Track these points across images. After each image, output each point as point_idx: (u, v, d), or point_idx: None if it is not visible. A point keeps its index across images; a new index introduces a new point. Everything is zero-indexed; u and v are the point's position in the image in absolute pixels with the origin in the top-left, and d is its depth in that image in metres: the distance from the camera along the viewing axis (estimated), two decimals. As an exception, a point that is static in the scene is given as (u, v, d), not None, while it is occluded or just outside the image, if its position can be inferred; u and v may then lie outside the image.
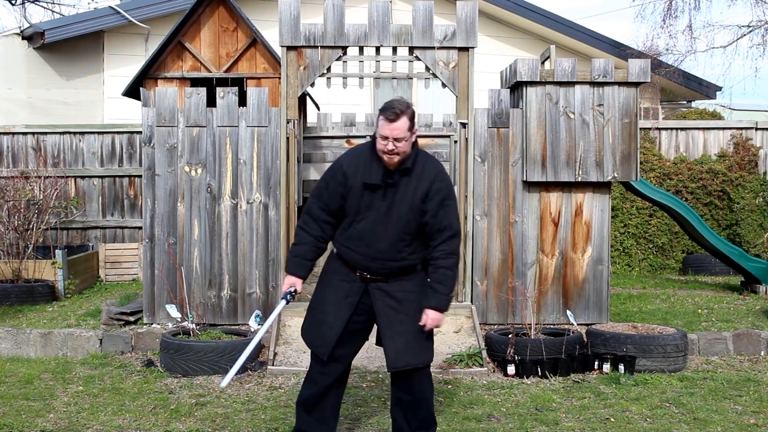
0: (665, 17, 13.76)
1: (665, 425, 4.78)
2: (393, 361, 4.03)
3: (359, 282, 4.06)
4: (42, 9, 17.41)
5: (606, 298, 7.14)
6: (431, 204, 3.96)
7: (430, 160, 4.07)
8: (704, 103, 15.45)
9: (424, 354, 4.08)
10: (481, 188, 7.10)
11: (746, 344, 6.63)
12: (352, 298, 4.06)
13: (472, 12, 6.98)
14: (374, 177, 3.96)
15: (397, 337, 4.02)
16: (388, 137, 3.86)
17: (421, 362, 4.06)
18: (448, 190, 4.02)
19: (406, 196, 3.96)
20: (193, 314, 6.55)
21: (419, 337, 4.04)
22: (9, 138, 10.54)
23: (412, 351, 4.02)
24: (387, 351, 4.04)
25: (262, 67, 8.36)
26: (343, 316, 4.05)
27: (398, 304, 4.04)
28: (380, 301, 4.05)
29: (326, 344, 4.05)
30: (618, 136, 7.03)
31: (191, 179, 7.09)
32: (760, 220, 10.87)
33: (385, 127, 3.87)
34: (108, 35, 12.36)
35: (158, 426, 4.77)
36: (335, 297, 4.08)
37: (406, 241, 4.00)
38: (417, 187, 3.97)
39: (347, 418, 4.89)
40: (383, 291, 4.05)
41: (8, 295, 8.26)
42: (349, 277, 4.08)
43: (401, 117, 3.86)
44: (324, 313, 4.08)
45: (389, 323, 4.04)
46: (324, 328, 4.05)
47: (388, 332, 4.04)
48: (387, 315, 4.04)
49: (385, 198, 3.97)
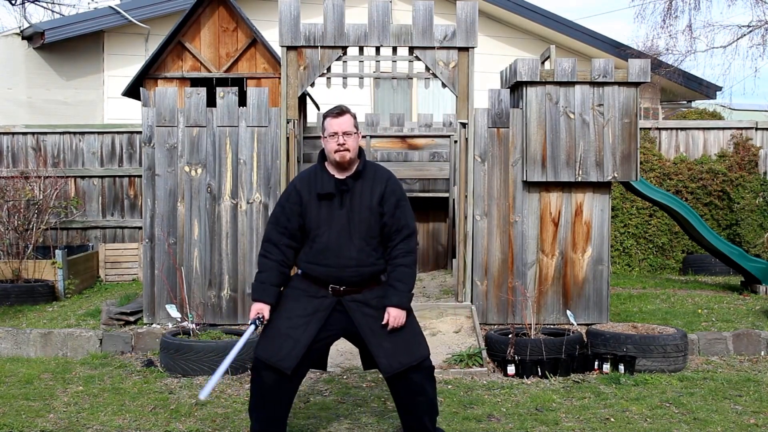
0: (665, 17, 13.77)
1: (665, 425, 4.78)
2: (387, 366, 4.01)
3: (330, 297, 4.03)
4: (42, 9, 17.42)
5: (606, 298, 7.14)
6: (387, 206, 4.04)
7: (379, 167, 4.20)
8: (704, 103, 15.46)
9: (416, 350, 4.05)
10: (481, 188, 7.10)
11: (746, 344, 6.63)
12: (321, 313, 4.03)
13: (472, 12, 6.98)
14: (326, 186, 4.02)
15: (384, 343, 4.01)
16: (337, 132, 3.98)
17: (416, 359, 4.03)
18: (401, 192, 4.13)
19: (363, 199, 4.02)
20: (193, 314, 6.55)
21: (406, 336, 4.04)
22: (9, 138, 10.54)
23: (402, 351, 4.01)
24: (378, 358, 4.02)
25: (262, 67, 8.36)
26: (312, 330, 4.01)
27: (376, 311, 4.03)
28: (358, 313, 4.03)
29: (291, 358, 3.97)
30: (618, 136, 7.03)
31: (191, 179, 7.09)
32: (760, 220, 10.87)
33: (333, 122, 4.01)
34: (108, 35, 12.37)
35: (158, 426, 4.77)
36: (304, 312, 4.03)
37: (372, 245, 4.03)
38: (372, 189, 4.04)
39: (347, 418, 4.89)
40: (359, 302, 4.03)
41: (8, 295, 8.26)
42: (319, 293, 4.04)
43: (345, 113, 4.04)
44: (291, 327, 4.01)
45: (372, 332, 4.02)
46: (289, 343, 3.98)
47: (374, 340, 4.02)
48: (368, 324, 4.02)
49: (342, 206, 4.01)
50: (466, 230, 7.07)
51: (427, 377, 4.10)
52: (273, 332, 4.04)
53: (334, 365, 5.96)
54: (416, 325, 4.14)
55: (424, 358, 4.07)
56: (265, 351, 4.01)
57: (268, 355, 4.00)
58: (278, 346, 3.99)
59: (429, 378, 4.11)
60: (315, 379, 5.78)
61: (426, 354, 4.09)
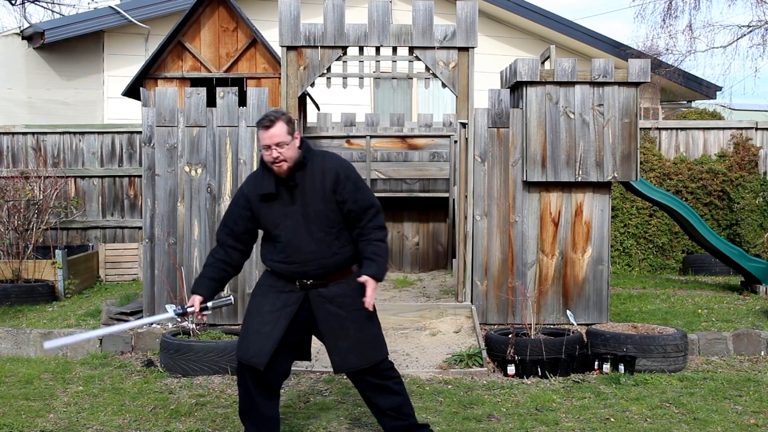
0: (665, 17, 13.77)
1: (665, 425, 4.78)
2: (338, 363, 4.03)
3: (299, 291, 4.03)
4: (42, 9, 17.41)
5: (606, 298, 7.14)
6: (347, 192, 3.96)
7: (328, 154, 4.11)
8: (704, 103, 15.45)
9: (370, 354, 4.03)
10: (481, 188, 7.10)
11: (746, 344, 6.63)
12: (290, 308, 4.02)
13: (472, 12, 6.98)
14: (267, 187, 3.99)
15: (339, 342, 4.01)
16: (270, 145, 3.89)
17: (369, 362, 4.02)
18: (355, 175, 4.05)
19: (315, 191, 3.97)
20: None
21: (364, 339, 4.03)
22: (9, 138, 10.54)
23: (357, 353, 4.00)
24: (331, 356, 4.03)
25: (262, 67, 8.36)
26: (282, 324, 4.00)
27: (339, 309, 4.02)
28: (321, 309, 4.02)
29: (263, 354, 3.97)
30: (618, 136, 7.03)
31: (191, 179, 7.08)
32: (760, 220, 10.87)
33: (264, 135, 3.91)
34: (108, 35, 12.37)
35: (158, 426, 4.77)
36: (273, 307, 4.03)
37: (332, 235, 3.99)
38: (323, 179, 3.97)
39: (347, 418, 4.89)
40: (323, 297, 4.02)
41: (8, 295, 8.26)
42: (287, 287, 4.04)
43: (276, 123, 3.90)
44: (261, 323, 4.02)
45: (331, 329, 4.02)
46: (261, 338, 3.99)
47: (331, 337, 4.02)
48: (328, 321, 4.02)
49: (294, 202, 3.98)
50: (466, 230, 7.07)
51: (385, 378, 4.09)
52: (245, 331, 4.09)
53: (334, 365, 5.95)
54: (377, 328, 4.11)
55: (378, 362, 4.05)
56: (240, 350, 4.08)
57: (241, 354, 4.05)
58: (250, 343, 4.02)
59: (387, 378, 4.10)
60: (315, 379, 5.78)
61: (381, 358, 4.06)
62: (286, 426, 4.74)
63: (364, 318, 4.05)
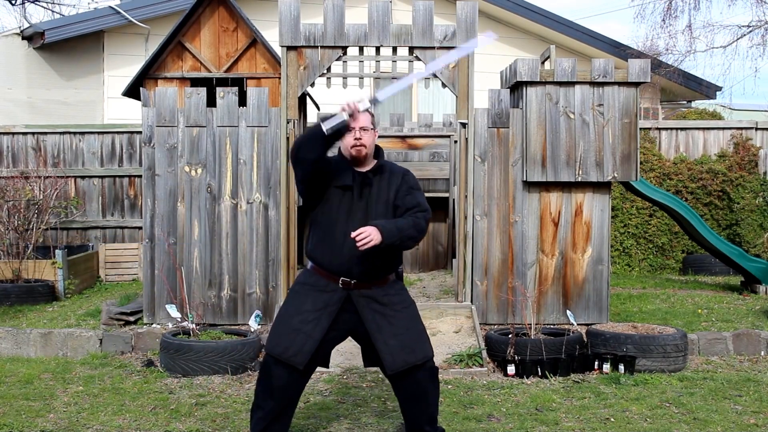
0: (665, 17, 13.76)
1: (665, 425, 4.78)
2: (391, 363, 3.99)
3: (340, 291, 4.01)
4: (42, 9, 17.41)
5: (606, 298, 7.14)
6: (401, 194, 4.10)
7: (395, 165, 4.26)
8: (704, 103, 15.45)
9: (420, 350, 4.04)
10: (481, 188, 7.10)
11: (746, 344, 6.63)
12: (332, 308, 4.00)
13: (472, 12, 6.98)
14: (345, 178, 4.05)
15: (390, 340, 3.99)
16: (355, 127, 4.02)
17: (419, 358, 4.02)
18: (415, 183, 4.20)
19: (381, 194, 4.05)
20: (193, 314, 6.55)
21: (412, 335, 4.04)
22: (9, 138, 10.54)
23: (407, 349, 4.00)
24: (382, 354, 3.99)
25: (262, 67, 8.35)
26: (323, 324, 3.98)
27: (384, 307, 4.02)
28: (366, 308, 4.02)
29: (303, 353, 3.94)
30: (618, 136, 7.03)
31: (191, 179, 7.09)
32: (760, 220, 10.87)
33: None
34: (108, 35, 12.37)
35: (158, 426, 4.77)
36: (314, 306, 4.00)
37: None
38: (389, 184, 4.09)
39: (347, 418, 4.89)
40: (368, 297, 4.02)
41: (8, 295, 8.26)
42: (329, 287, 4.02)
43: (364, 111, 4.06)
44: (302, 322, 3.98)
45: (379, 327, 4.00)
46: (300, 337, 3.95)
47: (379, 336, 4.00)
48: (375, 320, 4.01)
49: (362, 198, 4.02)
50: (466, 230, 7.07)
51: (430, 378, 4.09)
52: (283, 327, 4.01)
53: (334, 365, 5.95)
54: (421, 325, 4.13)
55: (428, 359, 4.06)
56: (277, 346, 3.98)
57: (280, 351, 3.96)
58: (290, 341, 3.96)
59: (432, 379, 4.10)
60: (315, 379, 5.78)
61: (430, 355, 4.07)
62: (286, 426, 4.74)
63: (410, 315, 4.09)
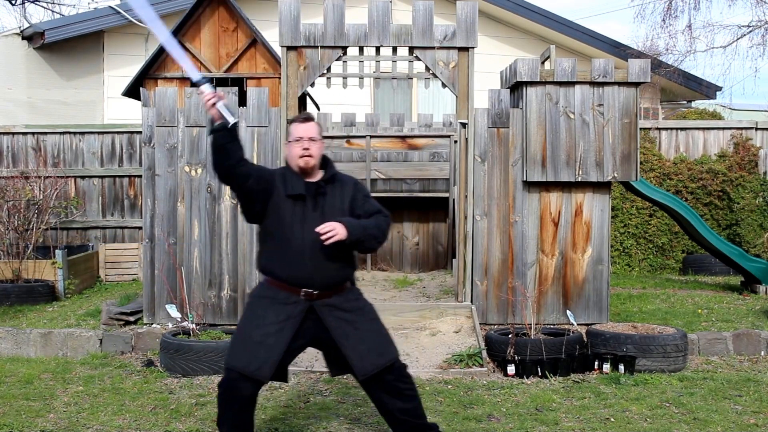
0: (665, 17, 13.76)
1: (665, 425, 4.78)
2: (361, 368, 4.00)
3: (302, 303, 3.99)
4: (42, 9, 17.42)
5: (606, 298, 7.14)
6: (356, 202, 4.10)
7: (344, 174, 4.23)
8: (704, 103, 15.45)
9: (387, 352, 4.06)
10: (481, 188, 7.10)
11: (746, 344, 6.63)
12: (294, 319, 3.98)
13: (472, 12, 6.98)
14: (296, 187, 4.02)
15: (358, 345, 4.00)
16: (302, 137, 4.01)
17: (388, 360, 4.04)
18: (368, 191, 4.24)
19: (335, 203, 4.04)
20: (193, 314, 6.55)
21: (378, 338, 4.07)
22: (9, 138, 10.55)
23: (375, 353, 4.01)
24: (352, 360, 4.00)
25: (262, 67, 8.36)
26: (286, 336, 3.95)
27: (347, 313, 4.04)
28: (330, 317, 4.01)
29: (267, 366, 3.91)
30: (618, 136, 7.03)
31: (191, 179, 7.09)
32: (760, 220, 10.87)
33: (300, 127, 4.05)
34: (108, 35, 12.37)
35: (158, 426, 4.78)
36: (276, 319, 3.96)
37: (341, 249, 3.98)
38: (342, 194, 4.08)
39: (347, 418, 4.89)
40: (331, 306, 4.02)
41: (8, 295, 8.26)
42: (290, 299, 3.98)
43: (311, 121, 4.10)
44: (264, 335, 3.93)
45: (345, 334, 4.01)
46: (263, 350, 3.91)
47: (347, 343, 4.00)
48: (341, 327, 4.01)
49: (316, 208, 4.01)
50: (466, 230, 7.07)
51: (400, 378, 4.10)
52: (245, 341, 3.96)
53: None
54: (384, 327, 4.16)
55: (395, 359, 4.08)
56: (240, 361, 3.92)
57: (243, 365, 3.90)
58: (253, 355, 3.91)
59: (401, 377, 4.10)
60: (315, 379, 5.78)
61: (396, 355, 4.10)
62: (286, 426, 4.75)
63: (373, 319, 4.11)
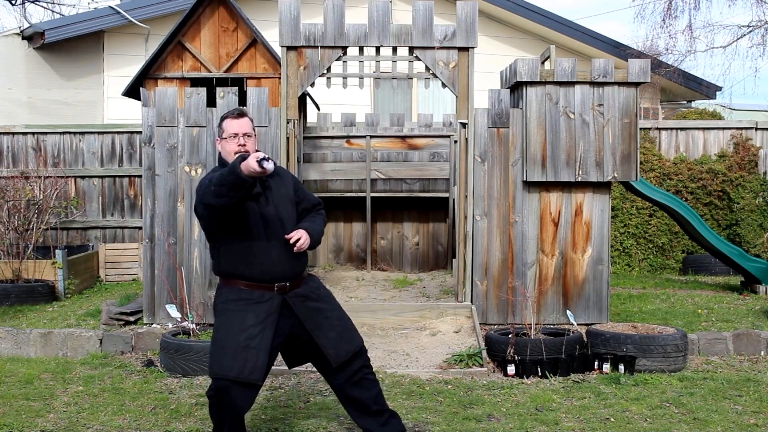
0: (665, 17, 13.75)
1: (665, 425, 4.78)
2: (335, 355, 4.07)
3: (276, 297, 3.98)
4: (42, 9, 17.41)
5: (606, 298, 7.14)
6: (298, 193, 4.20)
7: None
8: (704, 103, 15.45)
9: (357, 337, 4.18)
10: (481, 188, 7.10)
11: (746, 344, 6.63)
12: (273, 316, 3.97)
13: (472, 12, 6.98)
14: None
15: (329, 333, 4.08)
16: (237, 133, 4.00)
17: (357, 345, 4.15)
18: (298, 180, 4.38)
19: (282, 194, 4.08)
20: (193, 314, 6.55)
21: (345, 324, 4.18)
22: (9, 138, 10.55)
23: (345, 339, 4.12)
24: (326, 349, 4.06)
25: (262, 67, 8.36)
26: (269, 335, 3.94)
27: (316, 302, 4.11)
28: (302, 307, 4.05)
29: (258, 368, 3.87)
30: (618, 136, 7.03)
31: (191, 179, 7.08)
32: (760, 220, 10.87)
33: (234, 123, 4.02)
34: (108, 35, 12.37)
35: (158, 426, 4.78)
36: (257, 320, 3.92)
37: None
38: (284, 183, 4.14)
39: (347, 418, 4.89)
40: (302, 296, 4.06)
41: (8, 295, 8.26)
42: (264, 297, 3.96)
43: (245, 116, 4.05)
44: (248, 338, 3.88)
45: (317, 325, 4.07)
46: (252, 353, 3.87)
47: (320, 332, 4.07)
48: (313, 317, 4.07)
49: (269, 203, 4.01)
50: (466, 230, 7.07)
51: (364, 363, 4.18)
52: (230, 348, 3.88)
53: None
54: (346, 314, 4.24)
55: (362, 344, 4.20)
56: (231, 368, 3.83)
57: (236, 372, 3.84)
58: (243, 360, 3.85)
59: (366, 363, 4.19)
60: (315, 379, 5.77)
61: (362, 341, 4.22)
62: (286, 426, 4.75)
63: (337, 307, 4.22)
